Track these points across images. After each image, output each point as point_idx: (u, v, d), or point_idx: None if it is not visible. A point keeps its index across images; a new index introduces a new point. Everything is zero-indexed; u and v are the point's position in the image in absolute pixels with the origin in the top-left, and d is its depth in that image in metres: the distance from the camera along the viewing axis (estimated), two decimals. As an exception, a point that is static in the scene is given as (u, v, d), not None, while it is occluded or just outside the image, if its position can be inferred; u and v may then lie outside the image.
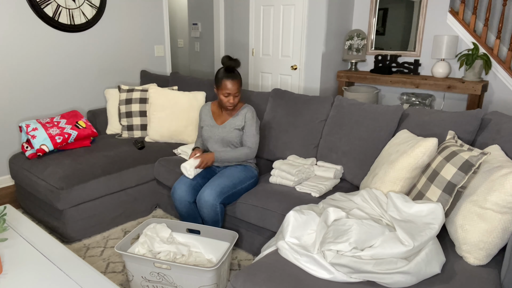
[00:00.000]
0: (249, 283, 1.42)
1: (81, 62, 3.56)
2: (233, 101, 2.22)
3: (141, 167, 2.73)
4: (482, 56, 3.43)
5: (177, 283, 1.86)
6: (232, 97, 2.21)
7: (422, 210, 1.58)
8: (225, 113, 2.40)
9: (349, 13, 4.36)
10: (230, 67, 2.19)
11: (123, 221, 2.72)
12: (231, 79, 2.16)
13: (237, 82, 2.18)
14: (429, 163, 1.77)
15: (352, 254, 1.42)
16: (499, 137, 1.84)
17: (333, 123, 2.49)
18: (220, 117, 2.41)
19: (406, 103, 3.88)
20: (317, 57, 4.05)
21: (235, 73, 2.19)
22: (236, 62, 2.18)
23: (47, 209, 2.52)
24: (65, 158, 2.56)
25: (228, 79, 2.16)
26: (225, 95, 2.21)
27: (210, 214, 2.15)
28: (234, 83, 2.17)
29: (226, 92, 2.19)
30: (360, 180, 2.29)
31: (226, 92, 2.19)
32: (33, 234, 1.78)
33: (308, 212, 1.68)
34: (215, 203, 2.12)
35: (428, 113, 2.19)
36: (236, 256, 2.35)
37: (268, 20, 4.34)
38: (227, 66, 2.18)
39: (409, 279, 1.33)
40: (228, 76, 2.17)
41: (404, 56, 4.15)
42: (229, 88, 2.17)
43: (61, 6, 3.29)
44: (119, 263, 2.27)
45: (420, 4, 3.94)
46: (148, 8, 3.98)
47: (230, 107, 2.27)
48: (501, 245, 1.47)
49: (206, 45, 5.20)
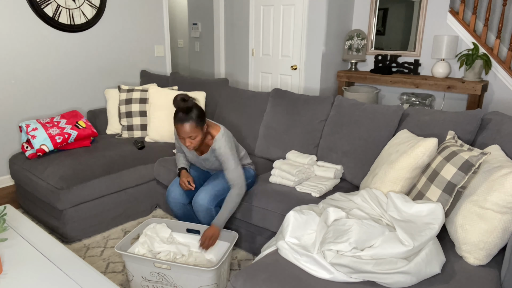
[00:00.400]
0: (249, 283, 1.42)
1: (81, 62, 3.56)
2: (190, 144, 2.01)
3: (141, 167, 2.73)
4: (482, 56, 3.43)
5: (177, 283, 1.86)
6: (187, 140, 2.00)
7: (422, 210, 1.58)
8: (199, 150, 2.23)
9: (349, 13, 4.36)
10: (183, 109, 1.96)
11: (123, 221, 2.72)
12: (180, 123, 1.95)
13: (189, 125, 1.94)
14: (429, 163, 1.77)
15: (352, 254, 1.42)
16: (499, 137, 1.84)
17: (333, 123, 2.49)
18: (198, 149, 2.23)
19: (406, 103, 3.88)
20: (317, 57, 4.05)
21: (187, 115, 1.94)
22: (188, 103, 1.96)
23: (47, 209, 2.52)
24: (65, 158, 2.56)
25: (177, 123, 1.96)
26: (180, 138, 2.02)
27: (206, 218, 2.14)
28: (184, 127, 1.95)
29: (180, 137, 2.01)
30: (360, 180, 2.29)
31: (180, 136, 2.00)
32: (33, 234, 1.78)
33: (308, 212, 1.68)
34: (210, 207, 2.11)
35: (428, 113, 2.19)
36: (236, 256, 2.35)
37: (268, 20, 4.34)
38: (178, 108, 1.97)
39: (409, 279, 1.33)
40: (177, 120, 1.96)
41: (404, 56, 4.15)
42: (180, 133, 1.98)
43: (61, 6, 3.29)
44: (119, 263, 2.27)
45: (420, 4, 3.94)
46: (148, 8, 3.98)
47: (191, 150, 2.08)
48: (501, 245, 1.47)
49: (206, 45, 5.20)
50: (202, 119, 2.01)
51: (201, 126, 2.00)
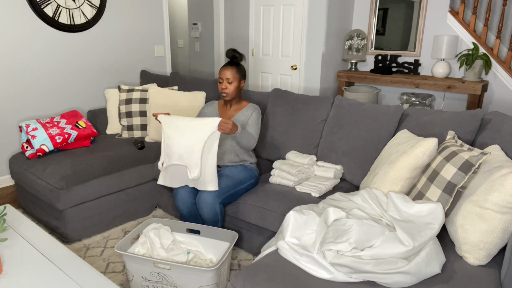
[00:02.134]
0: (249, 283, 1.42)
1: (81, 62, 3.56)
2: (225, 87, 2.29)
3: (141, 167, 2.73)
4: (482, 56, 3.43)
5: (177, 283, 1.86)
6: (224, 83, 2.29)
7: (422, 210, 1.58)
8: (231, 110, 2.43)
9: (349, 13, 4.36)
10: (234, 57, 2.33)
11: (123, 221, 2.72)
12: (225, 66, 2.29)
13: (231, 69, 2.27)
14: (429, 163, 1.77)
15: (352, 254, 1.42)
16: (499, 137, 1.84)
17: (333, 123, 2.49)
18: (226, 114, 2.44)
19: (406, 103, 3.88)
20: (317, 57, 4.05)
21: (234, 63, 2.30)
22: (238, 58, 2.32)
23: (47, 209, 2.52)
24: (65, 158, 2.56)
25: (223, 67, 2.30)
26: (219, 81, 2.31)
27: (209, 215, 2.15)
28: (227, 69, 2.27)
29: (220, 78, 2.31)
30: (360, 180, 2.29)
31: (220, 78, 2.30)
32: (33, 234, 1.78)
33: (308, 212, 1.68)
34: (214, 204, 2.12)
35: (428, 113, 2.19)
36: (236, 256, 2.35)
37: (268, 20, 4.34)
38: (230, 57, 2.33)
39: (409, 279, 1.33)
40: (225, 64, 2.31)
41: (404, 56, 4.15)
42: (221, 73, 2.29)
43: (61, 6, 3.29)
44: (119, 263, 2.27)
45: (420, 4, 3.94)
46: (148, 8, 3.98)
47: (224, 96, 2.33)
48: (501, 245, 1.47)
49: (206, 45, 5.20)
50: (244, 75, 2.35)
51: (240, 78, 2.32)
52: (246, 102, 2.47)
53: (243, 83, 2.37)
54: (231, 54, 2.32)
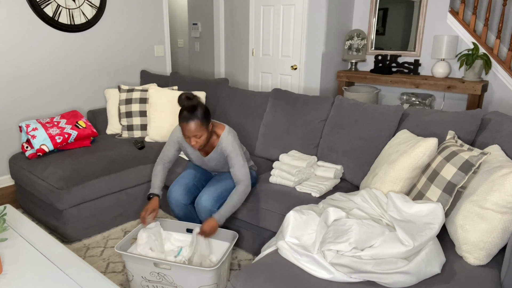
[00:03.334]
0: (249, 283, 1.42)
1: (81, 62, 3.56)
2: (195, 143, 1.98)
3: (141, 167, 2.73)
4: (482, 56, 3.43)
5: (177, 283, 1.86)
6: (193, 140, 1.98)
7: (422, 210, 1.58)
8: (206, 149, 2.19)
9: (349, 13, 4.36)
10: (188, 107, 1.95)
11: (123, 221, 2.72)
12: (186, 122, 1.93)
13: (194, 123, 1.93)
14: (429, 163, 1.77)
15: (352, 254, 1.42)
16: (499, 137, 1.84)
17: (333, 123, 2.49)
18: (203, 150, 2.19)
19: (406, 103, 3.88)
20: (317, 57, 4.05)
21: (192, 113, 1.93)
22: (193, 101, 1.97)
23: (47, 209, 2.52)
24: (65, 158, 2.56)
25: (182, 122, 1.94)
26: (186, 138, 1.99)
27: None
28: (188, 126, 1.93)
29: (185, 136, 1.99)
30: (360, 180, 2.29)
31: (185, 135, 1.98)
32: (33, 234, 1.78)
33: (308, 212, 1.68)
34: (213, 209, 2.11)
35: (428, 113, 2.19)
36: (236, 256, 2.35)
37: (268, 20, 4.34)
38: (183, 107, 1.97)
39: (409, 279, 1.33)
40: (182, 119, 1.94)
41: (404, 56, 4.15)
42: (186, 131, 1.95)
43: (61, 6, 3.29)
44: (119, 263, 2.27)
45: (420, 4, 3.94)
46: (148, 8, 3.98)
47: (196, 149, 2.06)
48: (501, 245, 1.47)
49: (206, 45, 5.20)
50: (208, 117, 1.99)
51: (207, 125, 1.98)
52: (215, 135, 2.13)
53: (211, 125, 2.03)
54: (186, 103, 1.96)
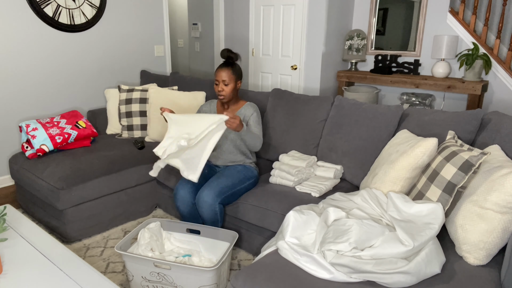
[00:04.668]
0: (249, 283, 1.42)
1: (81, 62, 3.56)
2: (222, 89, 2.24)
3: (141, 167, 2.73)
4: (482, 56, 3.43)
5: (177, 283, 1.86)
6: (221, 85, 2.24)
7: (422, 210, 1.58)
8: (229, 110, 2.40)
9: (349, 13, 4.36)
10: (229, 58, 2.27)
11: (123, 221, 2.72)
12: (221, 67, 2.23)
13: (227, 71, 2.22)
14: (429, 163, 1.77)
15: (352, 254, 1.42)
16: (499, 137, 1.84)
17: (333, 123, 2.49)
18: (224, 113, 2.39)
19: (406, 103, 3.88)
20: (317, 57, 4.05)
21: (229, 63, 2.25)
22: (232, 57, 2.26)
23: (47, 209, 2.52)
24: (65, 158, 2.56)
25: (219, 68, 2.24)
26: (216, 83, 2.27)
27: (209, 214, 2.15)
28: (222, 71, 2.22)
29: (216, 80, 2.26)
30: (360, 180, 2.29)
31: (216, 80, 2.26)
32: (33, 234, 1.78)
33: (308, 212, 1.68)
34: (213, 204, 2.11)
35: (428, 113, 2.19)
36: (236, 256, 2.35)
37: (268, 20, 4.34)
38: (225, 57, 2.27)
39: (409, 279, 1.33)
40: (220, 65, 2.25)
41: (404, 56, 4.15)
42: (217, 75, 2.23)
43: (61, 6, 3.29)
44: (119, 263, 2.27)
45: (420, 4, 3.94)
46: (148, 8, 3.98)
47: (220, 97, 2.29)
48: (501, 245, 1.47)
49: (206, 45, 5.20)
50: (240, 75, 2.30)
51: (236, 78, 2.27)
52: (243, 101, 2.44)
53: (240, 84, 2.33)
54: (226, 54, 2.27)
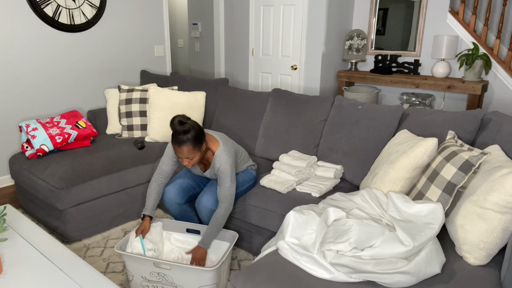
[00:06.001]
0: (249, 283, 1.42)
1: (81, 62, 3.56)
2: (188, 163, 2.00)
3: (141, 167, 2.73)
4: (482, 56, 3.43)
5: (177, 283, 1.86)
6: (185, 161, 1.99)
7: (422, 210, 1.58)
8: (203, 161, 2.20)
9: (349, 13, 4.36)
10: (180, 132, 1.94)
11: (123, 221, 2.72)
12: (178, 145, 1.94)
13: (186, 148, 1.93)
14: (429, 163, 1.77)
15: (352, 254, 1.42)
16: (499, 137, 1.84)
17: (333, 123, 2.49)
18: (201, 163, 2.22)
19: (406, 103, 3.88)
20: (317, 57, 4.05)
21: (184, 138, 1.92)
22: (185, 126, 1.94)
23: (47, 209, 2.52)
24: (65, 158, 2.56)
25: (174, 145, 1.96)
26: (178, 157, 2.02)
27: (209, 218, 2.15)
28: (181, 149, 1.94)
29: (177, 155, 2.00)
30: (360, 180, 2.29)
31: (178, 156, 2.00)
32: (33, 234, 1.78)
33: (308, 212, 1.68)
34: (214, 208, 2.11)
35: (428, 113, 2.19)
36: (236, 256, 2.35)
37: (268, 20, 4.34)
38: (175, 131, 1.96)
39: (409, 279, 1.33)
40: (174, 142, 1.95)
41: (404, 56, 4.15)
42: (177, 153, 1.98)
43: (61, 6, 3.29)
44: (119, 263, 2.27)
45: (420, 4, 3.94)
46: (148, 8, 3.98)
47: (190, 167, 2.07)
48: (501, 245, 1.47)
49: (206, 45, 5.20)
50: (200, 140, 1.97)
51: (199, 147, 1.97)
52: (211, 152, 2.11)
53: (205, 145, 2.02)
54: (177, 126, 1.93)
